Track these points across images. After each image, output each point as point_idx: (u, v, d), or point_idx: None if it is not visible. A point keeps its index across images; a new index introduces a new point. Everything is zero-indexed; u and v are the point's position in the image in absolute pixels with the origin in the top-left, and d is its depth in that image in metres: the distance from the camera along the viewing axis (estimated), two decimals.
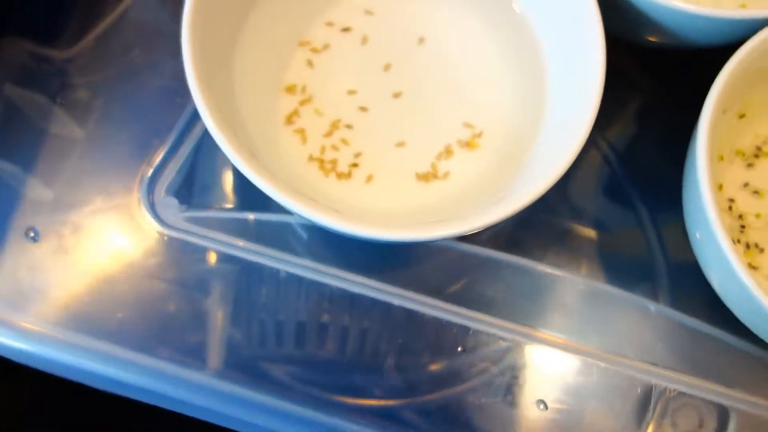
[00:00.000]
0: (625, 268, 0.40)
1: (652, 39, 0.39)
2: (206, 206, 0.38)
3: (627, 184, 0.42)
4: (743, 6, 0.39)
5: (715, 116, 0.33)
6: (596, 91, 0.33)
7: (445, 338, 0.37)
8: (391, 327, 0.37)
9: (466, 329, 0.37)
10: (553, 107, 0.36)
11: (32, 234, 0.37)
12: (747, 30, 0.35)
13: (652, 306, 0.39)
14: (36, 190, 0.38)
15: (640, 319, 0.39)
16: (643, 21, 0.37)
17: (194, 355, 0.36)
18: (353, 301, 0.37)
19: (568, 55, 0.36)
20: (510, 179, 0.36)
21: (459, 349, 0.36)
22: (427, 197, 0.36)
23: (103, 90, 0.40)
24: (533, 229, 0.40)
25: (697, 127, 0.33)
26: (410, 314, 0.37)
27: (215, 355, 0.37)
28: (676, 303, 0.39)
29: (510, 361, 0.37)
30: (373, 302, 0.37)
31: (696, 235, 0.34)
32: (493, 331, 0.37)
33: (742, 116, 0.38)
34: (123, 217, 0.37)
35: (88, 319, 0.36)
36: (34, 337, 0.36)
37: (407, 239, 0.31)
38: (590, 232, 0.41)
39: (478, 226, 0.31)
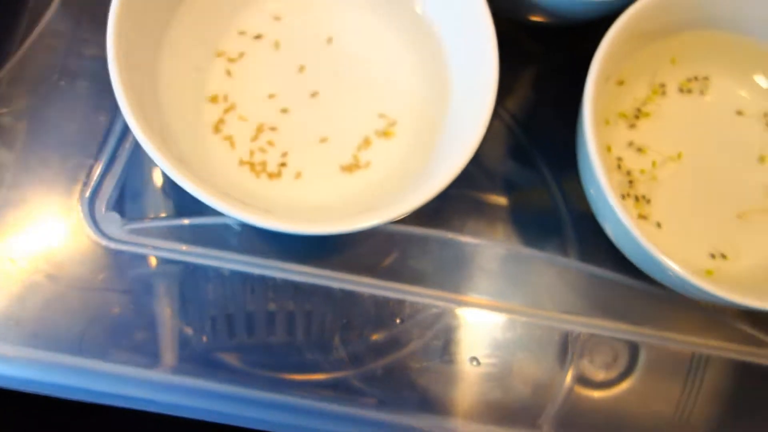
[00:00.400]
0: (536, 227, 0.45)
1: (535, 18, 0.43)
2: (146, 217, 0.40)
3: (530, 149, 0.46)
4: None
5: (598, 86, 0.37)
6: (492, 70, 0.37)
7: (383, 312, 0.41)
8: (334, 308, 0.40)
9: (401, 302, 0.40)
10: (456, 90, 0.40)
11: None
12: (619, 6, 0.39)
13: (562, 260, 0.43)
14: None
15: (553, 273, 0.43)
16: (527, 4, 0.41)
17: (149, 355, 0.39)
18: (296, 288, 0.40)
19: (464, 42, 0.39)
20: (426, 161, 0.40)
21: (397, 320, 0.40)
22: (353, 187, 0.40)
23: (27, 116, 0.41)
24: (452, 202, 0.44)
25: (583, 95, 0.37)
26: (349, 294, 0.40)
27: (169, 352, 0.39)
28: (583, 255, 0.43)
29: (443, 326, 0.41)
30: (314, 287, 0.40)
31: (591, 192, 0.38)
32: (425, 300, 0.41)
33: (621, 83, 0.42)
34: (69, 236, 0.39)
35: (44, 335, 0.38)
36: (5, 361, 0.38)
37: (333, 232, 0.34)
38: (502, 199, 0.45)
39: (400, 214, 0.35)
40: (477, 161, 0.45)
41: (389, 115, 0.41)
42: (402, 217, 0.35)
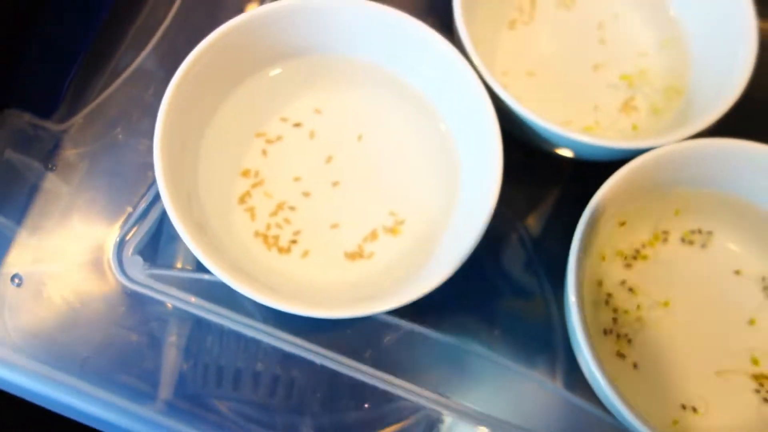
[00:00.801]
0: (528, 340, 0.47)
1: (561, 152, 0.46)
2: (166, 266, 0.45)
3: (537, 265, 0.48)
4: (635, 128, 0.46)
5: (593, 224, 0.40)
6: (494, 192, 0.40)
7: (356, 394, 0.43)
8: (313, 380, 0.43)
9: (374, 389, 0.43)
10: (462, 201, 0.43)
11: (17, 281, 0.43)
12: (630, 154, 0.42)
13: (548, 384, 0.45)
14: (23, 240, 0.45)
15: (538, 395, 0.45)
16: (552, 143, 0.44)
17: (147, 388, 0.43)
18: (283, 356, 0.44)
19: (476, 161, 0.43)
20: (426, 261, 0.43)
21: (366, 405, 0.43)
22: (352, 274, 0.43)
23: (89, 158, 0.46)
24: (447, 301, 0.46)
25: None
26: (329, 371, 0.43)
27: (165, 388, 0.43)
28: (569, 381, 0.45)
29: (412, 421, 0.43)
30: (299, 359, 0.44)
31: (569, 323, 0.40)
32: (397, 392, 0.43)
33: (623, 224, 0.44)
34: (95, 270, 0.44)
35: (58, 355, 0.42)
36: (11, 366, 0.42)
37: (326, 316, 0.37)
38: (500, 304, 0.47)
39: (390, 307, 0.38)
40: (480, 265, 0.48)
41: (399, 213, 0.44)
42: (392, 309, 0.38)
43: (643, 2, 0.50)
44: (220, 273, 0.37)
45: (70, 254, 0.44)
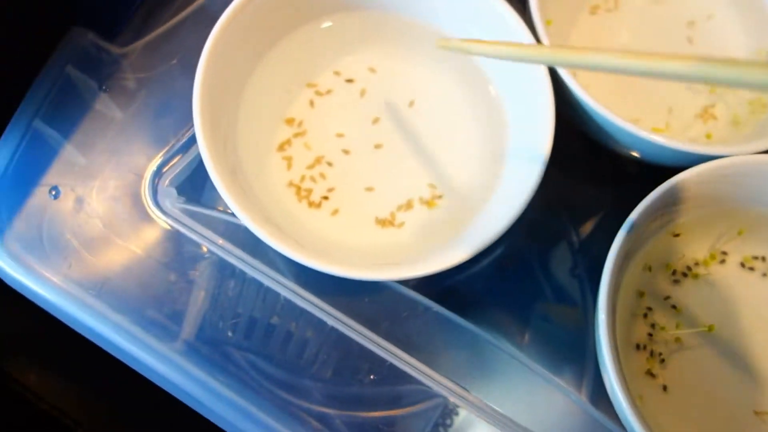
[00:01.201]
0: (558, 346, 0.44)
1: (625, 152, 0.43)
2: (199, 203, 0.44)
3: (582, 269, 0.46)
4: (708, 136, 0.43)
5: (634, 234, 0.37)
6: (535, 181, 0.38)
7: (371, 366, 0.42)
8: (328, 344, 0.42)
9: (382, 361, 0.41)
10: (504, 184, 0.41)
11: (54, 192, 0.44)
12: (698, 161, 0.38)
13: (573, 394, 0.42)
14: (70, 156, 0.45)
15: (558, 403, 0.42)
16: (619, 142, 0.41)
17: (162, 320, 0.42)
18: (300, 313, 0.43)
19: (525, 149, 0.40)
20: (455, 236, 0.41)
21: (371, 377, 0.41)
22: (380, 240, 0.41)
23: (144, 85, 0.46)
24: (476, 288, 0.44)
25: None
26: (340, 335, 0.42)
27: (183, 327, 0.43)
28: (595, 395, 0.42)
29: (422, 405, 0.41)
30: (316, 320, 0.42)
31: (596, 334, 0.37)
32: (407, 370, 0.41)
33: (676, 235, 0.41)
34: (129, 195, 0.44)
35: (81, 274, 0.43)
36: (38, 278, 0.43)
37: (348, 275, 0.36)
38: (540, 306, 0.45)
39: (414, 275, 0.37)
40: (521, 261, 0.46)
41: (437, 187, 0.42)
42: (415, 277, 0.36)
43: (743, 6, 0.46)
44: (246, 220, 0.36)
45: (109, 175, 0.44)
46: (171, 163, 0.45)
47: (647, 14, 0.46)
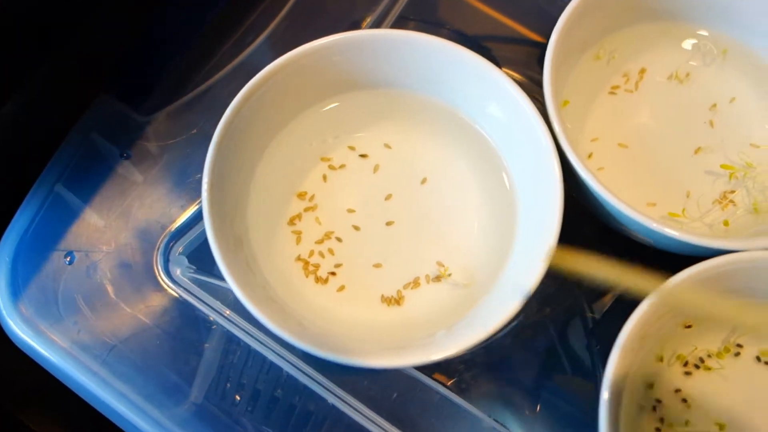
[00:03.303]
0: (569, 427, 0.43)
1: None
2: (210, 273, 0.45)
3: (594, 349, 0.44)
4: (726, 224, 0.42)
5: (644, 324, 0.36)
6: (542, 268, 0.37)
7: None
8: (330, 421, 0.42)
9: None
10: (511, 268, 0.40)
11: (68, 258, 0.45)
12: (711, 254, 0.37)
13: None
14: (88, 221, 0.46)
15: None
16: (627, 228, 0.40)
17: (159, 391, 0.43)
18: (303, 387, 0.42)
19: (536, 226, 0.40)
20: (461, 320, 0.40)
21: None
22: (385, 319, 0.41)
23: (165, 152, 0.47)
24: (481, 371, 0.43)
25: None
26: (338, 412, 0.42)
27: (188, 393, 0.43)
28: None
29: None
30: (317, 396, 0.42)
31: None
32: None
33: (687, 326, 0.39)
34: (141, 263, 0.45)
35: (89, 340, 0.43)
36: (47, 342, 0.43)
37: (350, 363, 0.36)
38: (550, 383, 0.44)
39: (416, 362, 0.36)
40: (533, 334, 0.45)
41: (445, 266, 0.42)
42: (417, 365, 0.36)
43: (765, 91, 0.45)
44: (242, 296, 0.36)
45: (123, 241, 0.45)
46: (185, 232, 0.45)
47: (668, 96, 0.46)
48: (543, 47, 0.44)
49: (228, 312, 0.44)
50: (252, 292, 0.37)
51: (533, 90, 0.48)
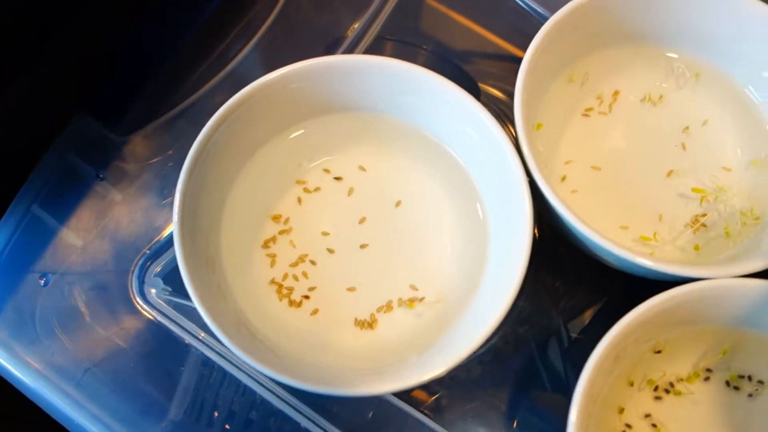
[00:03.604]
0: None
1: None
2: (184, 295, 0.45)
3: (570, 369, 0.45)
4: (697, 248, 0.42)
5: (613, 350, 0.36)
6: (511, 295, 0.37)
7: None
8: None
9: None
10: (483, 293, 0.41)
11: (44, 280, 0.45)
12: (680, 280, 0.38)
13: None
14: (64, 242, 0.46)
15: None
16: (597, 253, 0.41)
17: (133, 413, 0.43)
18: (278, 411, 0.43)
19: (507, 250, 0.40)
20: (434, 344, 0.40)
21: None
22: (358, 342, 0.41)
23: (141, 174, 0.47)
24: (454, 392, 0.43)
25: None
26: None
27: (158, 416, 0.43)
28: None
29: None
30: (292, 421, 0.42)
31: None
32: None
33: (657, 351, 0.40)
34: (116, 284, 0.45)
35: (64, 363, 0.43)
36: (21, 364, 0.44)
37: (321, 392, 0.36)
38: (526, 400, 0.44)
39: (389, 389, 0.37)
40: (509, 352, 0.45)
41: (419, 289, 0.42)
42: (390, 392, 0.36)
43: (739, 114, 0.45)
44: (210, 321, 0.36)
45: (99, 263, 0.45)
46: (161, 253, 0.46)
47: (641, 118, 0.46)
48: None
49: (202, 335, 0.44)
50: (222, 317, 0.37)
51: (512, 106, 0.49)
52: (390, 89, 0.42)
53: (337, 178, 0.44)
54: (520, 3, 0.52)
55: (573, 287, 0.46)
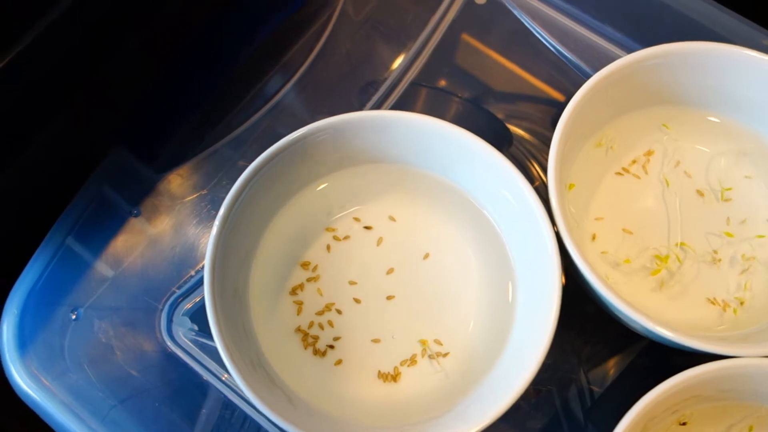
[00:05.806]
0: None
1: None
2: (209, 335, 0.45)
3: (588, 423, 0.44)
4: (735, 312, 0.42)
5: (638, 424, 0.36)
6: (539, 359, 0.37)
7: None
8: None
9: None
10: (509, 352, 0.41)
11: (75, 314, 0.46)
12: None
13: None
14: (96, 277, 0.47)
15: None
16: (617, 317, 0.40)
17: None
18: None
19: (535, 309, 0.40)
20: (457, 403, 0.40)
21: None
22: (380, 396, 0.41)
23: (176, 210, 0.48)
24: None
25: None
26: None
27: None
28: None
29: None
30: None
31: None
32: None
33: (683, 423, 0.39)
34: (144, 322, 0.45)
35: (90, 399, 0.44)
36: (50, 397, 0.44)
37: None
38: None
39: None
40: (531, 411, 0.45)
41: (444, 345, 0.42)
42: None
43: None
44: (237, 377, 0.37)
45: (128, 299, 0.46)
46: (191, 292, 0.46)
47: (676, 181, 0.45)
48: (560, 106, 0.44)
49: (225, 376, 0.44)
50: (240, 357, 0.37)
51: (539, 147, 0.48)
52: (420, 144, 0.42)
53: (367, 227, 0.45)
54: (561, 51, 0.51)
55: (597, 345, 0.46)
